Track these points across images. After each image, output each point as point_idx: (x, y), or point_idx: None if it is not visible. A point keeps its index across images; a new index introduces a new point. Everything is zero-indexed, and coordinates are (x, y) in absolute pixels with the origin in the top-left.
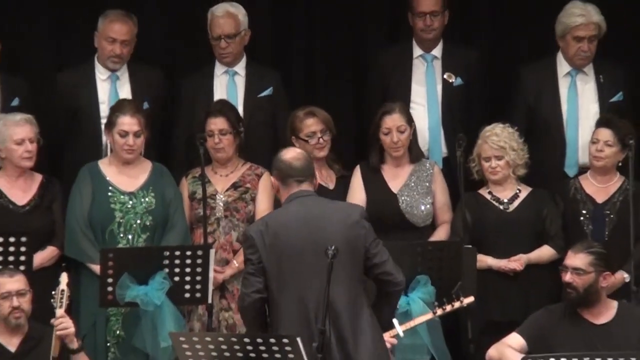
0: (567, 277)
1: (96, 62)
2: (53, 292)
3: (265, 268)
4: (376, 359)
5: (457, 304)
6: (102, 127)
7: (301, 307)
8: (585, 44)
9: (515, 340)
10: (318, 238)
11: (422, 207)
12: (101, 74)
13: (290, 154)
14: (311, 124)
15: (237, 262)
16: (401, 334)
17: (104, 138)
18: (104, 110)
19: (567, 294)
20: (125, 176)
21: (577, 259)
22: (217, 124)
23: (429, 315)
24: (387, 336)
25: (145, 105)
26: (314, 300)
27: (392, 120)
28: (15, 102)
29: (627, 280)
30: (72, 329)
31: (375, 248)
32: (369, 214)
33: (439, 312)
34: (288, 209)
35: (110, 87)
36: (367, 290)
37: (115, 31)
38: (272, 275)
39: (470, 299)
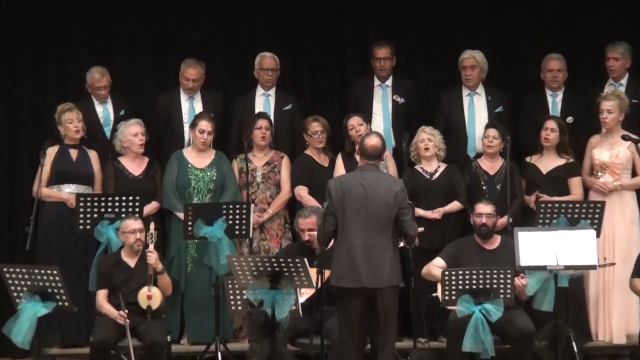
0: (484, 219)
1: (181, 89)
2: (146, 234)
3: (335, 211)
4: (387, 274)
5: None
6: (184, 128)
7: (349, 243)
8: (468, 71)
9: (438, 261)
10: (369, 199)
11: None
12: (183, 97)
13: (371, 142)
14: (315, 126)
15: (271, 210)
16: None
17: (186, 135)
18: (185, 119)
19: (482, 231)
20: (199, 158)
21: (488, 208)
22: (264, 122)
23: None
24: None
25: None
26: (357, 239)
27: (354, 120)
28: (122, 113)
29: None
30: (156, 257)
31: (404, 210)
32: None
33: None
34: (354, 175)
35: (189, 104)
36: None
37: (188, 73)
38: (338, 217)
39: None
